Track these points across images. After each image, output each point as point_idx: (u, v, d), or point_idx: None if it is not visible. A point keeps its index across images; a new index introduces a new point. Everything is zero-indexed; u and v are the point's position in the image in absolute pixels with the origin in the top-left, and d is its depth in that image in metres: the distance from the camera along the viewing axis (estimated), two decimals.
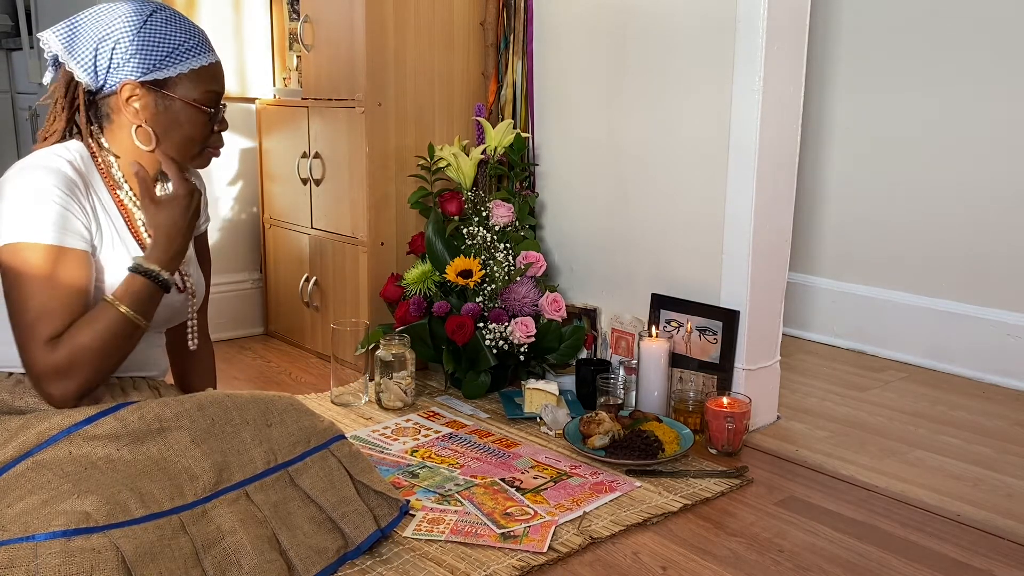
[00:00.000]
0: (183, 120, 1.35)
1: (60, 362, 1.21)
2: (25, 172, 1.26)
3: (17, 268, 1.23)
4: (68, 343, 1.22)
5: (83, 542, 1.04)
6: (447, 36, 2.41)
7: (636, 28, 2.13)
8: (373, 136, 2.29)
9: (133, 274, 1.29)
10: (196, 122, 1.36)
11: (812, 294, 2.76)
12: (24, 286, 1.22)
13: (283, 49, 2.80)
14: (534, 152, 2.47)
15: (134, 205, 1.38)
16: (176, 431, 1.24)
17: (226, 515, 1.20)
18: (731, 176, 1.93)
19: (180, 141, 1.37)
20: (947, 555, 1.44)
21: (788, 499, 1.64)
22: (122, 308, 1.26)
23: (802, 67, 1.93)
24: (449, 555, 1.39)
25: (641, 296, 2.16)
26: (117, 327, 1.25)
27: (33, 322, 1.22)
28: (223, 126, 1.42)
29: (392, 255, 2.37)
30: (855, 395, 2.24)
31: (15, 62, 3.70)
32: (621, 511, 1.55)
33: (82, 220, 1.28)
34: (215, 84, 1.38)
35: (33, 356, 1.22)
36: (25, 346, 1.22)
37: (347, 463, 1.36)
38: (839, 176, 2.70)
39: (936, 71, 2.44)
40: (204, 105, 1.36)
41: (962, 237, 2.42)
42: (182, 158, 1.38)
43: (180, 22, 1.35)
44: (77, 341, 1.22)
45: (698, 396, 1.91)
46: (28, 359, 1.22)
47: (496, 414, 2.04)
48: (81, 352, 1.22)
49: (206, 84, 1.36)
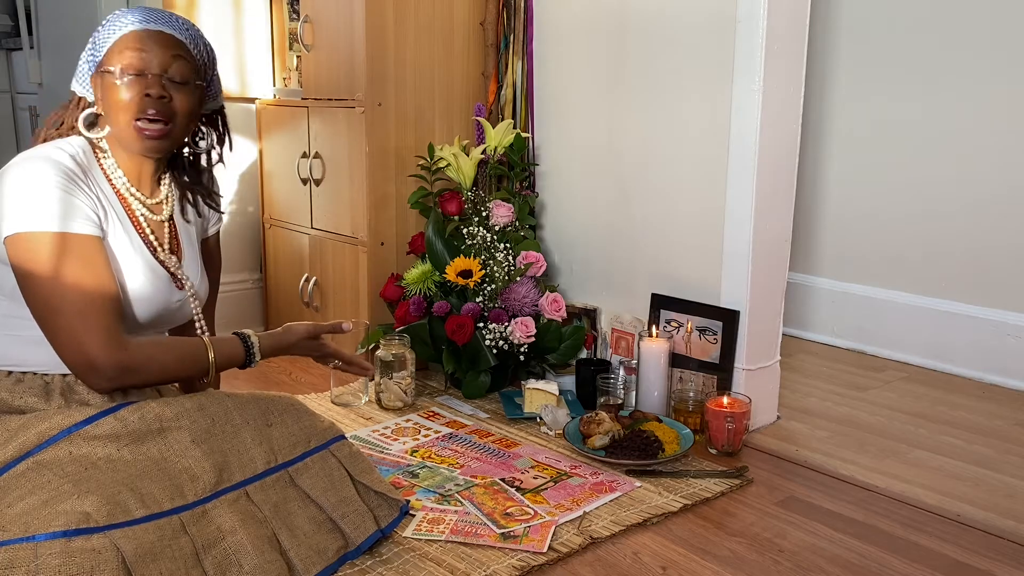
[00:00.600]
0: (112, 91, 1.32)
1: (129, 363, 1.24)
2: (23, 163, 1.26)
3: (33, 260, 1.22)
4: (145, 352, 1.27)
5: (83, 542, 1.04)
6: (447, 36, 2.41)
7: (636, 28, 2.13)
8: (373, 136, 2.29)
9: (237, 337, 1.38)
10: (118, 89, 1.31)
11: (812, 294, 2.77)
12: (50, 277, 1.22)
13: (283, 49, 2.80)
14: (534, 152, 2.47)
15: (129, 194, 1.37)
16: (176, 431, 1.24)
17: (226, 515, 1.20)
18: (731, 176, 1.93)
19: (114, 115, 1.33)
20: (947, 555, 1.44)
21: (788, 499, 1.64)
22: (211, 355, 1.33)
23: (802, 67, 1.93)
24: (449, 555, 1.39)
25: (641, 296, 2.16)
26: (195, 365, 1.33)
27: (83, 312, 1.22)
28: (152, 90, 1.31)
29: (392, 255, 2.37)
30: (855, 395, 2.24)
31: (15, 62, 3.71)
32: (621, 511, 1.55)
33: (88, 205, 1.28)
34: (133, 46, 1.31)
35: (92, 346, 1.22)
36: (76, 336, 1.22)
37: (347, 463, 1.36)
38: (839, 176, 2.70)
39: (936, 71, 2.44)
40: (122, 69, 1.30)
41: (962, 237, 2.42)
42: (125, 136, 1.34)
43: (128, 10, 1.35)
44: (155, 354, 1.28)
45: (698, 396, 1.91)
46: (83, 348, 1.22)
47: (496, 414, 2.04)
48: (152, 364, 1.27)
49: (123, 48, 1.31)
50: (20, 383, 1.30)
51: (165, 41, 1.32)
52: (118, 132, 1.34)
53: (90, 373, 1.24)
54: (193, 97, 1.36)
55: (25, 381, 1.30)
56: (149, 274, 1.36)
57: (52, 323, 1.23)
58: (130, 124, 1.32)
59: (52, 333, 1.24)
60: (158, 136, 1.33)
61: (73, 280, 1.23)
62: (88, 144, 1.36)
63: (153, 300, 1.36)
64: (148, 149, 1.35)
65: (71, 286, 1.22)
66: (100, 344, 1.22)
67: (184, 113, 1.35)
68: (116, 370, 1.23)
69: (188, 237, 1.48)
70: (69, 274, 1.23)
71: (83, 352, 1.22)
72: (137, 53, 1.31)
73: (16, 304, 1.27)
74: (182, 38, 1.34)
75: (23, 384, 1.29)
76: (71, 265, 1.23)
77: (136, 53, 1.31)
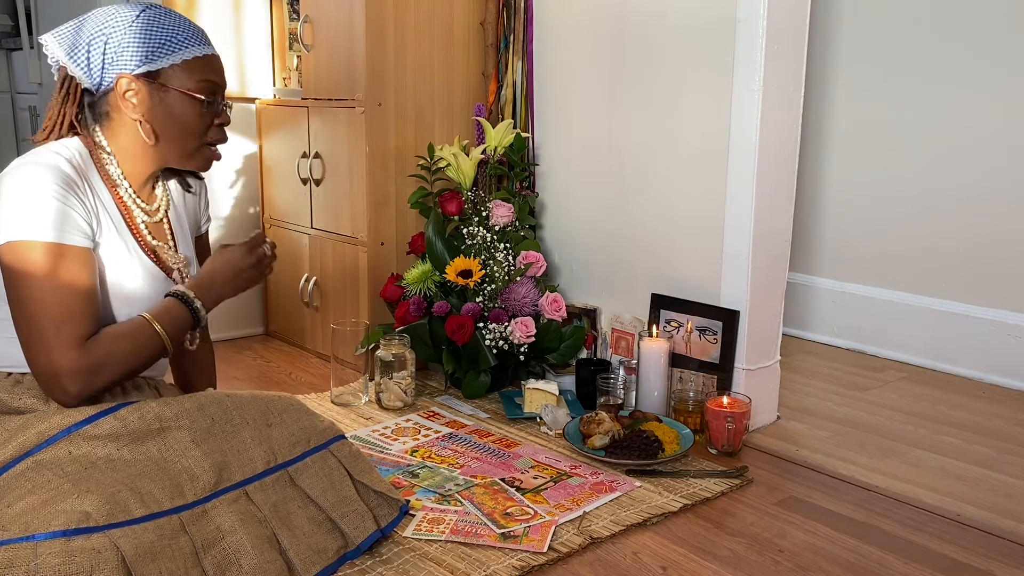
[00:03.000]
0: (178, 111, 1.34)
1: (90, 365, 1.23)
2: (21, 169, 1.26)
3: (23, 268, 1.22)
4: (102, 349, 1.25)
5: (83, 542, 1.04)
6: (447, 36, 2.41)
7: (636, 28, 2.13)
8: (373, 136, 2.29)
9: (174, 299, 1.35)
10: (192, 113, 1.35)
11: (812, 294, 2.77)
12: (36, 286, 1.22)
13: (283, 49, 2.80)
14: (534, 152, 2.47)
15: (133, 203, 1.38)
16: (176, 431, 1.24)
17: (226, 515, 1.20)
18: (731, 176, 1.93)
19: (177, 135, 1.35)
20: (947, 555, 1.44)
21: (788, 499, 1.64)
22: (157, 327, 1.31)
23: (802, 67, 1.93)
24: (449, 555, 1.39)
25: (641, 296, 2.16)
26: (150, 345, 1.30)
27: (59, 323, 1.22)
28: (223, 119, 1.40)
29: (392, 255, 2.37)
30: (855, 395, 2.24)
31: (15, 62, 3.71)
32: (621, 511, 1.55)
33: (82, 215, 1.28)
34: (211, 74, 1.36)
35: (60, 355, 1.22)
36: (48, 345, 1.22)
37: (347, 463, 1.36)
38: (839, 176, 2.70)
39: (937, 71, 2.44)
40: (199, 94, 1.34)
41: (962, 237, 2.42)
42: (181, 155, 1.38)
43: (173, 16, 1.35)
44: (111, 349, 1.26)
45: (698, 396, 1.91)
46: (51, 358, 1.22)
47: (496, 414, 2.04)
48: (112, 360, 1.26)
49: (201, 73, 1.35)
50: (19, 384, 1.30)
51: (222, 68, 1.40)
52: (172, 149, 1.37)
53: (54, 382, 1.23)
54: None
55: (24, 382, 1.30)
56: (147, 277, 1.36)
57: (26, 330, 1.24)
58: (200, 148, 1.38)
59: (25, 340, 1.24)
60: (219, 158, 1.42)
61: (54, 290, 1.23)
62: (85, 146, 1.35)
63: (151, 301, 1.37)
64: (202, 168, 1.43)
65: (51, 296, 1.22)
66: (66, 353, 1.22)
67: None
68: (81, 377, 1.23)
69: (184, 237, 1.49)
70: (51, 284, 1.23)
71: (50, 360, 1.23)
72: (215, 78, 1.37)
73: None
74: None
75: (22, 385, 1.30)
76: (55, 275, 1.23)
77: (215, 78, 1.37)
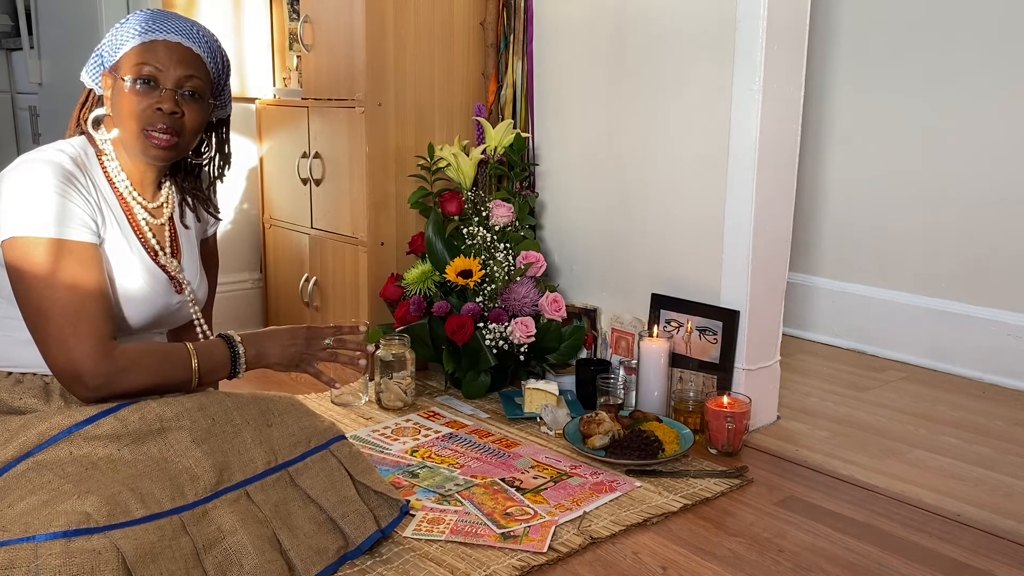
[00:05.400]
0: (123, 98, 1.33)
1: (115, 369, 1.23)
2: (22, 166, 1.26)
3: (28, 265, 1.22)
4: (130, 355, 1.25)
5: (84, 543, 1.04)
6: (447, 36, 2.41)
7: (636, 28, 2.13)
8: (373, 136, 2.29)
9: (220, 339, 1.35)
10: (130, 97, 1.32)
11: (812, 294, 2.77)
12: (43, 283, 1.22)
13: (283, 49, 2.80)
14: (534, 152, 2.47)
15: (132, 198, 1.38)
16: (177, 431, 1.24)
17: (227, 515, 1.20)
18: (731, 176, 1.93)
19: (123, 120, 1.33)
20: (947, 555, 1.44)
21: (788, 499, 1.64)
22: (192, 356, 1.31)
23: (802, 67, 1.93)
24: (449, 555, 1.39)
25: (641, 296, 2.16)
26: (177, 368, 1.30)
27: (75, 321, 1.22)
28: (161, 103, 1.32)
29: (392, 255, 2.37)
30: (855, 395, 2.24)
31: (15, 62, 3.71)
32: (621, 511, 1.55)
33: (85, 209, 1.28)
34: (150, 58, 1.31)
35: (81, 354, 1.21)
36: (67, 344, 1.22)
37: (347, 463, 1.36)
38: (839, 176, 2.70)
39: (936, 71, 2.44)
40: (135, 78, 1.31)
41: (962, 237, 2.42)
42: (131, 142, 1.34)
43: (148, 12, 1.36)
44: (138, 358, 1.26)
45: (698, 396, 1.91)
46: (72, 356, 1.22)
47: (496, 414, 2.04)
48: (136, 367, 1.25)
49: (140, 57, 1.32)
50: (20, 384, 1.30)
51: (183, 56, 1.33)
52: (126, 138, 1.35)
53: (76, 380, 1.23)
54: (204, 112, 1.38)
55: (25, 382, 1.30)
56: (148, 276, 1.36)
57: (42, 329, 1.23)
58: (139, 132, 1.33)
59: (41, 339, 1.24)
60: (166, 147, 1.34)
61: (66, 287, 1.23)
62: (89, 144, 1.37)
63: (152, 302, 1.37)
64: (154, 158, 1.36)
65: (63, 293, 1.22)
66: (88, 352, 1.22)
67: (193, 128, 1.36)
68: (102, 377, 1.23)
69: (187, 239, 1.49)
70: (62, 281, 1.23)
71: (71, 359, 1.22)
72: (153, 65, 1.31)
73: (15, 307, 1.27)
74: (200, 52, 1.36)
75: (23, 385, 1.30)
76: (65, 272, 1.23)
77: (152, 65, 1.31)
